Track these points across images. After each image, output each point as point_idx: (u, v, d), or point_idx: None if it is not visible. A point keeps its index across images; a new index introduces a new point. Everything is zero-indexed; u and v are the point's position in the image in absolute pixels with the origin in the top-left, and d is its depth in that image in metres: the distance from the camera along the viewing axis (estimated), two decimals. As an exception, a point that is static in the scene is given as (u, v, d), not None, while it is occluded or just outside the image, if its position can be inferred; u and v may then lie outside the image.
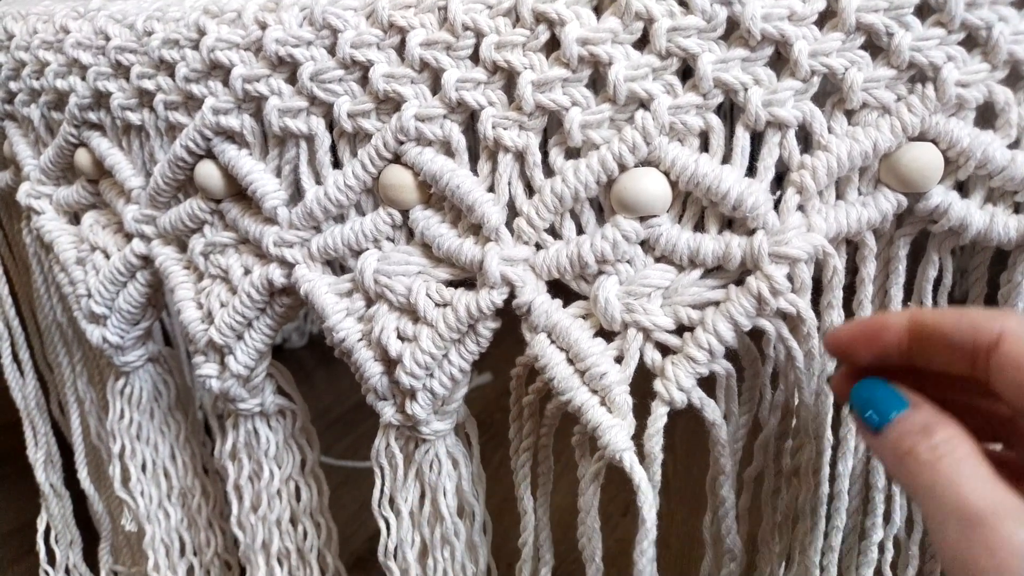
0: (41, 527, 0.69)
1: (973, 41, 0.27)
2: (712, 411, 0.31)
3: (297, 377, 0.45)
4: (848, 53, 0.27)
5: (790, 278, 0.28)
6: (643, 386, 0.31)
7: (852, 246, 0.31)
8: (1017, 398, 0.23)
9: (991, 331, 0.23)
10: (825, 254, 0.28)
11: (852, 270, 0.31)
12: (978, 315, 0.24)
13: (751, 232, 0.29)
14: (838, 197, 0.29)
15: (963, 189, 0.29)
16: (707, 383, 0.31)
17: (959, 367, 0.24)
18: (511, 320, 0.34)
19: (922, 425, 0.24)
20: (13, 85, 0.46)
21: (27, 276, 0.57)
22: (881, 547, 0.37)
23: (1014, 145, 0.28)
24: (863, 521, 0.36)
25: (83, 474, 0.59)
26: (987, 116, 0.28)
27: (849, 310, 0.32)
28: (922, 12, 0.27)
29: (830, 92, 0.28)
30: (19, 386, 0.63)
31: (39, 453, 0.65)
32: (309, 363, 1.27)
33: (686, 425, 0.34)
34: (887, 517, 0.36)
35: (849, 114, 0.28)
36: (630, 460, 0.29)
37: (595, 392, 0.31)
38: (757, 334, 0.30)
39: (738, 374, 0.32)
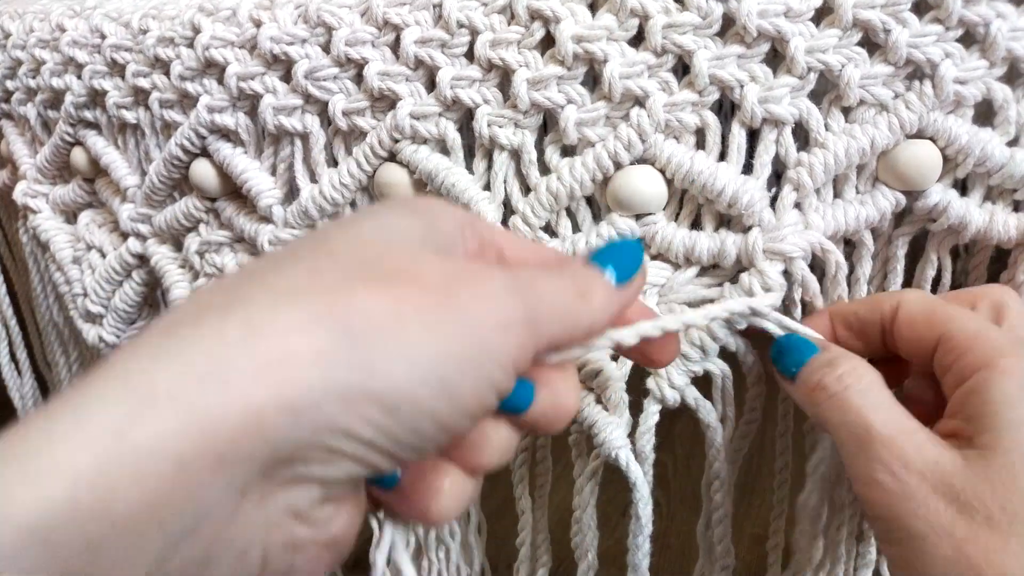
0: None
1: (971, 38, 0.27)
2: (707, 412, 0.31)
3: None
4: (845, 50, 0.27)
5: (787, 275, 0.28)
6: (640, 385, 0.31)
7: (848, 245, 0.31)
8: (915, 354, 0.26)
9: (892, 304, 0.27)
10: (824, 251, 0.28)
11: (848, 270, 0.31)
12: (881, 295, 0.28)
13: (747, 230, 0.29)
14: (836, 195, 0.29)
15: (962, 187, 0.29)
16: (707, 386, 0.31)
17: (875, 346, 0.27)
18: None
19: (828, 360, 0.26)
20: (10, 84, 0.46)
21: (27, 275, 0.57)
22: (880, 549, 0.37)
23: (1013, 143, 0.28)
24: (860, 523, 0.36)
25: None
26: (985, 113, 0.28)
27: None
28: (919, 8, 0.27)
29: (827, 89, 0.28)
30: (16, 385, 0.63)
31: (37, 453, 0.65)
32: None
33: (685, 426, 0.34)
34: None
35: (846, 111, 0.28)
36: (626, 457, 0.29)
37: (591, 390, 0.30)
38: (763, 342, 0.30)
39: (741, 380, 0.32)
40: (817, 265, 0.30)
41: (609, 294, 0.22)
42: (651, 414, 0.30)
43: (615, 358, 0.31)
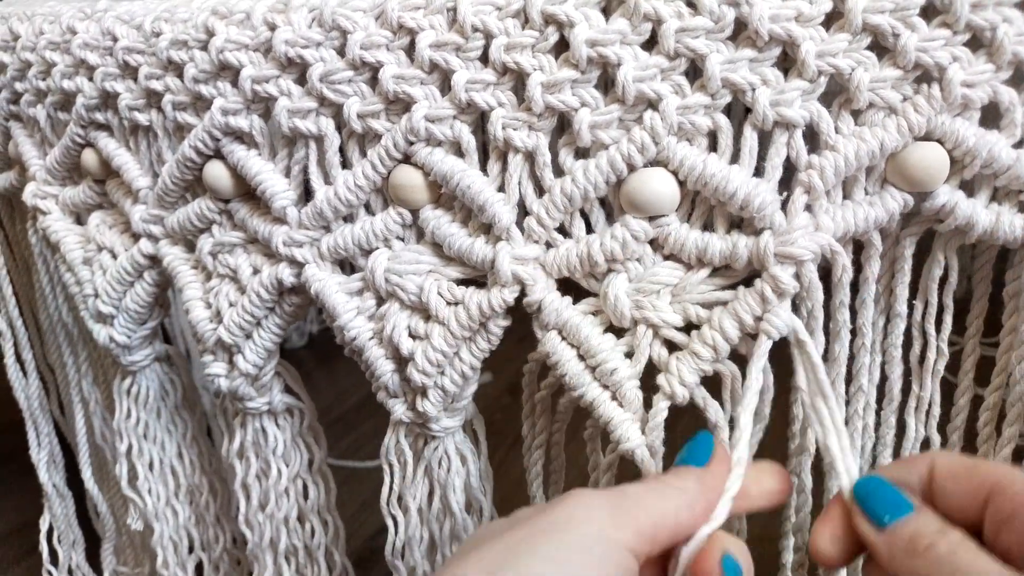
0: (44, 527, 0.69)
1: (978, 42, 0.27)
2: (715, 412, 0.31)
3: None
4: (855, 54, 0.28)
5: (797, 277, 0.29)
6: (651, 382, 0.32)
7: (856, 245, 0.31)
8: (959, 508, 0.26)
9: (925, 463, 0.27)
10: (833, 253, 0.29)
11: (856, 270, 0.32)
12: (909, 458, 0.28)
13: (758, 232, 0.29)
14: (845, 197, 0.30)
15: (969, 188, 0.30)
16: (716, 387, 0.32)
17: (965, 513, 0.27)
18: (512, 320, 0.34)
19: (939, 526, 0.26)
20: (19, 86, 0.47)
21: (28, 277, 0.58)
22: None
23: (1019, 144, 0.29)
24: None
25: (87, 474, 0.59)
26: (992, 116, 0.29)
27: (852, 309, 0.32)
28: (927, 13, 0.27)
29: (837, 92, 0.29)
30: (22, 386, 0.63)
31: (42, 453, 0.65)
32: (309, 363, 1.27)
33: (688, 425, 0.35)
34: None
35: (856, 114, 0.29)
36: (642, 455, 0.30)
37: (606, 387, 0.31)
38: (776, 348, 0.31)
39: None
40: (822, 267, 0.30)
41: (692, 474, 0.27)
42: (660, 410, 0.31)
43: (628, 355, 0.32)
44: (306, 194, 0.37)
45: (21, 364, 0.63)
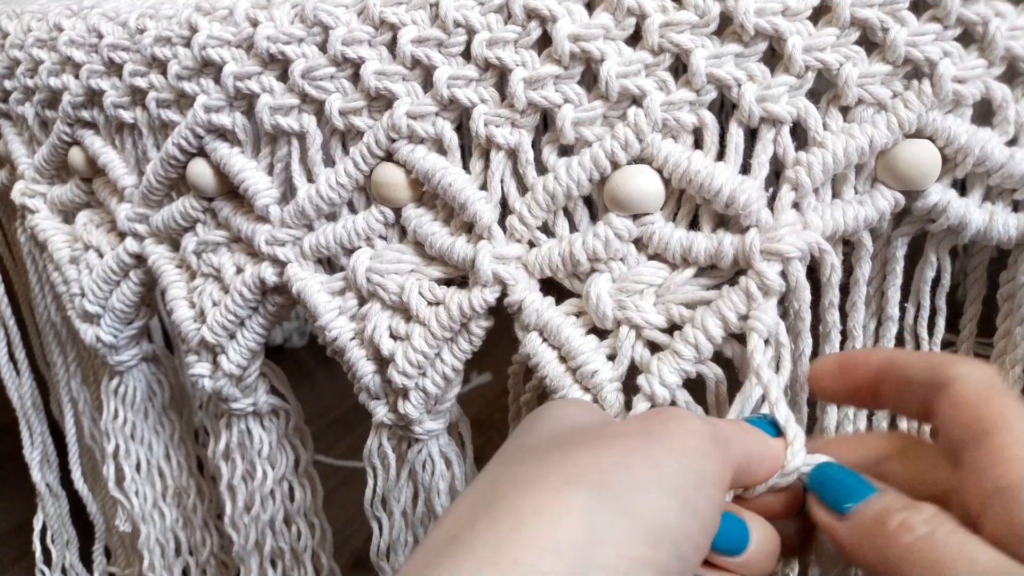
0: (37, 527, 0.69)
1: (969, 37, 0.27)
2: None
3: (297, 377, 0.45)
4: (843, 48, 0.27)
5: (784, 275, 0.28)
6: (633, 384, 0.31)
7: (847, 246, 0.31)
8: (955, 439, 0.23)
9: (946, 373, 0.24)
10: (821, 251, 0.28)
11: (847, 271, 0.31)
12: (939, 358, 0.25)
13: (744, 230, 0.28)
14: (834, 195, 0.29)
15: (961, 187, 0.29)
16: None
17: (911, 409, 0.26)
18: (509, 319, 0.33)
19: (906, 502, 0.23)
20: (8, 83, 0.46)
21: (26, 275, 0.57)
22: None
23: (1012, 142, 0.28)
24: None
25: (76, 474, 0.58)
26: (984, 113, 0.28)
27: (843, 312, 0.31)
28: (917, 7, 0.27)
29: (825, 88, 0.28)
30: (15, 386, 0.63)
31: (35, 453, 0.65)
32: (309, 363, 1.27)
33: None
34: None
35: (844, 110, 0.28)
36: None
37: (587, 390, 0.30)
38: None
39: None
40: (811, 267, 0.30)
41: (775, 439, 0.26)
42: (639, 411, 0.30)
43: (611, 357, 0.31)
44: (289, 192, 0.36)
45: (14, 363, 0.63)
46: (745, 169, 0.29)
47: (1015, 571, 0.21)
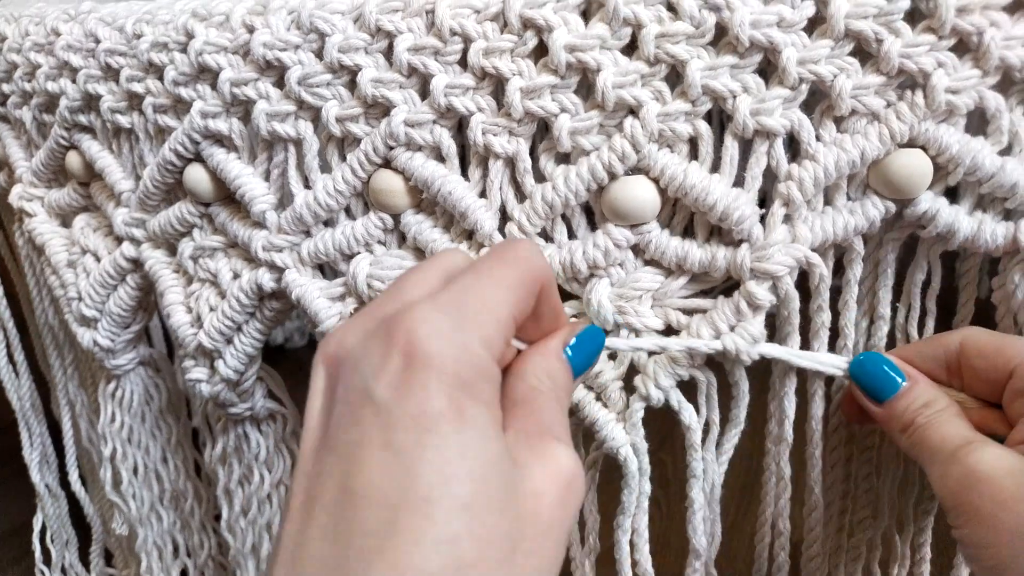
0: (37, 527, 0.69)
1: (964, 47, 0.27)
2: (689, 415, 0.32)
3: (298, 377, 0.45)
4: (837, 60, 0.27)
5: (775, 288, 0.28)
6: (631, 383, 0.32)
7: (839, 249, 0.31)
8: (983, 383, 0.29)
9: (956, 339, 0.29)
10: (810, 264, 0.28)
11: (840, 270, 0.31)
12: (942, 333, 0.30)
13: (737, 244, 0.29)
14: (826, 203, 0.29)
15: (953, 194, 0.29)
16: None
17: (992, 387, 0.29)
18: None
19: (925, 400, 0.29)
20: (5, 87, 0.46)
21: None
22: (870, 544, 0.37)
23: (1005, 152, 0.28)
24: (850, 519, 0.36)
25: (74, 476, 0.59)
26: (978, 122, 0.28)
27: (835, 311, 0.32)
28: (913, 18, 0.27)
29: (819, 99, 0.28)
30: (14, 387, 0.63)
31: (34, 454, 0.65)
32: (309, 363, 1.27)
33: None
34: (875, 514, 0.36)
35: (838, 121, 0.28)
36: (626, 453, 0.30)
37: (591, 388, 0.31)
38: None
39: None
40: (803, 271, 0.30)
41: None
42: (636, 411, 0.31)
43: (612, 357, 0.32)
44: (286, 198, 0.37)
45: (13, 365, 0.63)
46: (739, 180, 0.29)
47: (979, 437, 0.27)
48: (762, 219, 0.29)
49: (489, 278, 0.23)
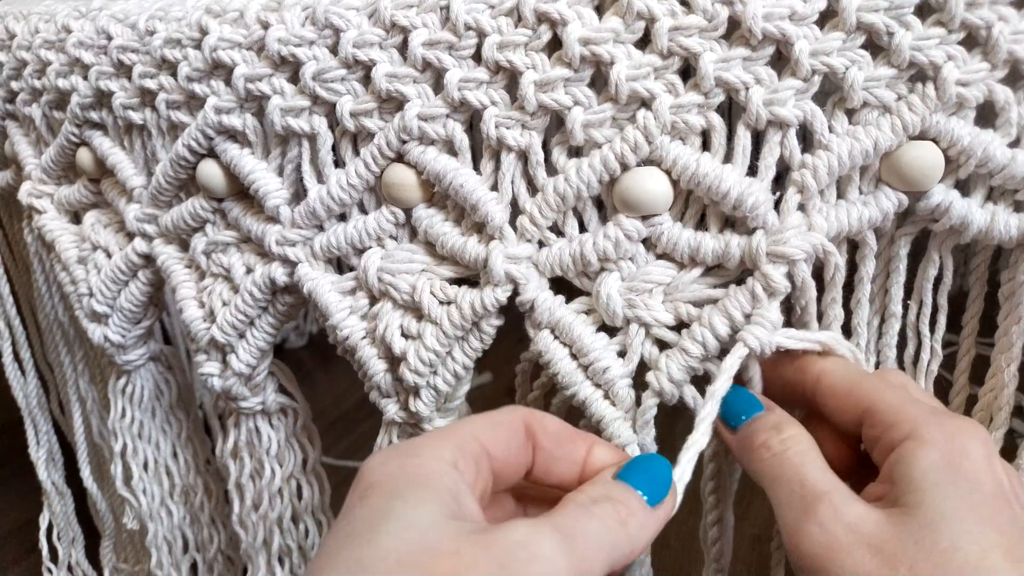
0: (43, 525, 0.70)
1: (973, 40, 0.27)
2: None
3: (297, 377, 0.45)
4: (849, 52, 0.27)
5: (790, 277, 0.29)
6: (642, 380, 0.32)
7: (852, 244, 0.31)
8: (838, 420, 0.28)
9: (814, 372, 0.29)
10: (826, 252, 0.28)
11: (851, 269, 0.31)
12: (807, 360, 0.30)
13: (751, 231, 0.29)
14: (839, 196, 0.29)
15: (964, 188, 0.30)
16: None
17: (847, 426, 0.28)
18: (510, 319, 0.34)
19: (775, 423, 0.28)
20: (15, 84, 0.47)
21: (27, 275, 0.58)
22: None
23: (1014, 144, 0.28)
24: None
25: (85, 473, 0.59)
26: (987, 115, 0.29)
27: (848, 309, 0.32)
28: (922, 12, 0.27)
29: (831, 91, 0.28)
30: (20, 385, 0.63)
31: (41, 452, 0.65)
32: (309, 363, 1.27)
33: (687, 425, 0.34)
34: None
35: (850, 113, 0.28)
36: (634, 453, 0.30)
37: (599, 386, 0.31)
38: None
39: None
40: (816, 266, 0.30)
41: (647, 517, 0.26)
42: (649, 407, 0.31)
43: (621, 354, 0.32)
44: (299, 193, 0.37)
45: (19, 363, 0.63)
46: (752, 171, 0.29)
47: (838, 489, 0.26)
48: (776, 208, 0.29)
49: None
